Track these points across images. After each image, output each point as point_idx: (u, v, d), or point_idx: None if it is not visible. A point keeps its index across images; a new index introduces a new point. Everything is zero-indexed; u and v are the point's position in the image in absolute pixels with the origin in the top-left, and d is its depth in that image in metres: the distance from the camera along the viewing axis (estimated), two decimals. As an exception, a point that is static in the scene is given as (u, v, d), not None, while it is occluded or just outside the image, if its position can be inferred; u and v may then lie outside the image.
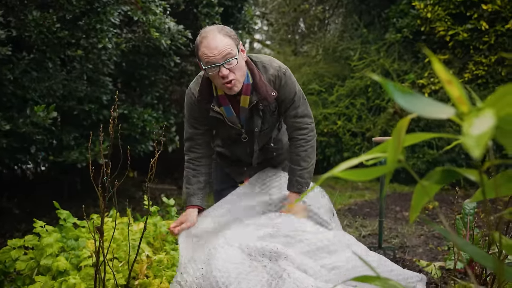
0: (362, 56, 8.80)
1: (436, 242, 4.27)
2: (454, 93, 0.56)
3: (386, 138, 3.12)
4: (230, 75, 2.07)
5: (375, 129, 8.13)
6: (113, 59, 4.38)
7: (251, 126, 2.37)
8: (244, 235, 2.17)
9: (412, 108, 0.60)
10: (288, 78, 2.29)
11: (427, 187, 0.74)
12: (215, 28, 2.08)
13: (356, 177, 0.71)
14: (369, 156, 0.75)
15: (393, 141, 0.70)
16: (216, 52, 2.02)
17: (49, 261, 2.67)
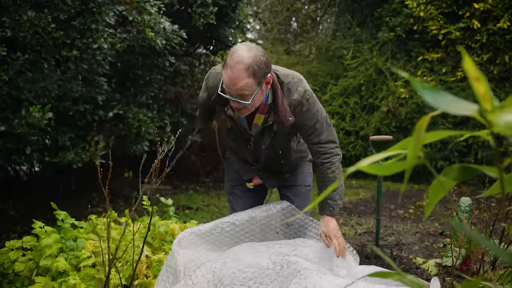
0: (355, 55, 8.84)
1: (432, 239, 4.31)
2: (480, 90, 0.57)
3: (383, 137, 3.15)
4: (239, 107, 2.07)
5: (368, 128, 8.17)
6: (108, 59, 4.36)
7: (259, 141, 2.35)
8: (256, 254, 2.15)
9: (439, 105, 0.61)
10: (311, 104, 2.21)
11: (444, 183, 0.75)
12: (245, 62, 1.96)
13: (379, 172, 0.72)
14: (391, 153, 0.76)
15: (414, 138, 0.71)
16: (233, 89, 1.98)
17: (49, 262, 2.66)
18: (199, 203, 6.32)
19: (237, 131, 2.37)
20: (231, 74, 1.95)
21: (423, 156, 0.75)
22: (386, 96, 8.15)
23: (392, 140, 3.23)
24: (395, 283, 2.02)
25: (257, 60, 1.98)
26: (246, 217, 2.43)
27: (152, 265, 2.75)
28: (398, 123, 7.88)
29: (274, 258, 2.07)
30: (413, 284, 0.79)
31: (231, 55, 1.98)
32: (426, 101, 0.64)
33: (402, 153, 0.75)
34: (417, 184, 7.74)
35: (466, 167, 0.75)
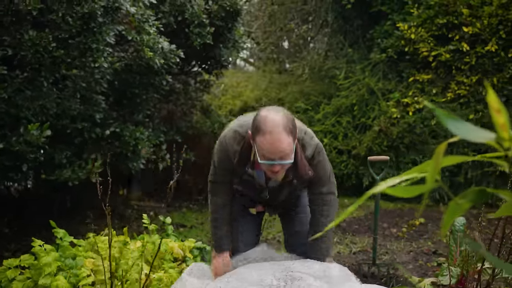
0: (347, 75, 8.96)
1: (425, 258, 4.35)
2: (499, 120, 0.62)
3: (380, 158, 3.21)
4: (280, 169, 2.10)
5: (361, 147, 8.25)
6: (106, 77, 4.41)
7: (276, 194, 2.41)
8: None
9: (459, 133, 0.66)
10: (322, 157, 2.32)
11: (462, 205, 0.80)
12: (281, 122, 2.01)
13: (400, 194, 0.77)
14: (410, 176, 0.81)
15: (433, 162, 0.76)
16: (276, 152, 2.00)
17: (48, 280, 2.65)
18: (193, 221, 6.33)
19: (252, 185, 2.40)
20: (272, 138, 1.98)
21: (440, 179, 0.80)
22: (378, 116, 8.25)
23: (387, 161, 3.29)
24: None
25: (289, 119, 2.05)
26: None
27: (152, 284, 2.75)
28: (389, 143, 7.97)
29: (278, 274, 2.10)
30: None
31: (264, 122, 2.02)
32: (450, 129, 0.69)
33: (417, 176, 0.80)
34: (408, 203, 7.81)
35: (482, 190, 0.80)
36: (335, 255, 4.45)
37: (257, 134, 2.04)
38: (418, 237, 5.22)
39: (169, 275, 2.88)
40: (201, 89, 7.61)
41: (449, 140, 0.75)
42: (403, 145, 7.87)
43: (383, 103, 8.26)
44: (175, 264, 3.12)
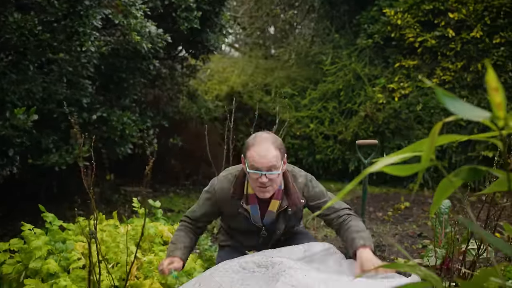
0: (334, 60, 8.98)
1: (411, 241, 4.44)
2: (496, 99, 0.65)
3: (369, 141, 3.25)
4: (267, 183, 2.21)
5: (347, 132, 8.31)
6: (93, 61, 4.36)
7: (273, 227, 2.47)
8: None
9: (457, 111, 0.69)
10: (314, 184, 2.44)
11: (454, 182, 0.82)
12: (269, 138, 2.24)
13: (397, 172, 0.80)
14: (404, 155, 0.83)
15: (428, 142, 0.78)
16: (264, 161, 2.17)
17: (38, 264, 2.65)
18: (181, 205, 6.34)
19: (247, 226, 2.46)
20: (260, 149, 2.19)
21: (434, 158, 0.83)
22: (364, 101, 8.31)
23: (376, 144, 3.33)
24: (382, 275, 2.10)
25: (277, 139, 2.29)
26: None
27: (143, 266, 2.77)
28: (375, 128, 8.05)
29: (258, 261, 2.14)
30: (423, 272, 0.86)
31: (254, 138, 2.27)
32: (447, 107, 0.71)
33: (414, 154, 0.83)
34: (393, 188, 7.92)
35: (475, 168, 0.84)
36: (322, 238, 4.52)
37: (247, 150, 2.25)
38: (404, 221, 5.31)
39: (159, 258, 2.90)
40: (187, 74, 7.57)
41: (444, 119, 0.77)
42: (389, 130, 7.95)
43: (369, 88, 8.32)
44: (165, 247, 3.14)
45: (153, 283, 2.65)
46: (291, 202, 2.36)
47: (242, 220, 2.44)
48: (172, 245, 2.41)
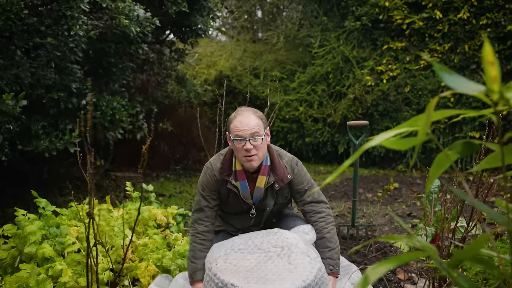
0: (322, 43, 8.98)
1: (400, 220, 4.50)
2: (492, 73, 0.67)
3: (360, 122, 3.28)
4: (252, 151, 2.28)
5: (336, 115, 8.36)
6: (81, 46, 4.32)
7: (262, 205, 2.50)
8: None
9: (454, 85, 0.71)
10: (300, 167, 2.50)
11: (450, 156, 0.85)
12: (250, 109, 2.35)
13: (395, 146, 0.82)
14: (401, 130, 0.85)
15: (425, 116, 0.80)
16: (246, 128, 2.26)
17: (33, 248, 2.66)
18: (171, 190, 6.36)
19: (238, 204, 2.50)
20: (242, 117, 2.30)
21: (430, 132, 0.85)
22: (352, 84, 8.35)
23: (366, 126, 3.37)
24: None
25: (258, 111, 2.39)
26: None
27: (138, 249, 2.80)
28: (364, 110, 8.10)
29: (257, 237, 2.17)
30: (420, 243, 0.89)
31: (236, 110, 2.38)
32: (445, 81, 0.73)
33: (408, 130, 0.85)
34: (382, 170, 8.01)
35: (469, 143, 0.86)
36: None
37: (230, 123, 2.35)
38: (393, 201, 5.39)
39: (154, 241, 2.93)
40: (175, 59, 7.50)
41: (441, 94, 0.80)
42: (378, 112, 8.01)
43: (358, 71, 8.34)
44: (159, 230, 3.16)
45: (148, 266, 2.67)
46: (277, 177, 2.41)
47: (234, 199, 2.47)
48: (192, 264, 2.35)
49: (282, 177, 2.42)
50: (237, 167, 2.41)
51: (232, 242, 2.14)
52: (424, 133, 0.83)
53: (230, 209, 2.58)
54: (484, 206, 0.87)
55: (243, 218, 2.58)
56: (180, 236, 3.14)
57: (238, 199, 2.47)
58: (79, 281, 2.45)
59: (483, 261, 0.89)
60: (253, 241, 2.10)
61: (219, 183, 2.44)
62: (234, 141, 2.29)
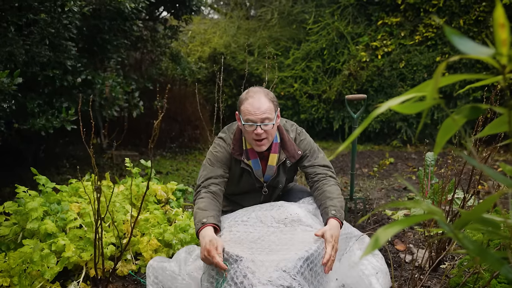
0: (317, 19, 8.92)
1: (397, 194, 4.56)
2: (502, 36, 0.68)
3: (358, 96, 3.30)
4: (263, 135, 2.26)
5: (331, 91, 8.36)
6: (75, 22, 4.27)
7: (275, 183, 2.50)
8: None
9: (464, 49, 0.72)
10: (304, 134, 2.52)
11: (457, 120, 0.87)
12: (262, 91, 2.30)
13: (405, 110, 0.83)
14: (410, 95, 0.87)
15: (432, 81, 0.82)
16: (258, 112, 2.22)
17: (35, 225, 2.68)
18: (168, 167, 6.38)
19: (250, 183, 2.48)
20: (254, 101, 2.24)
21: (437, 97, 0.87)
22: (347, 60, 8.33)
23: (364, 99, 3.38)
24: None
25: (269, 92, 2.33)
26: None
27: (139, 224, 2.83)
28: (359, 86, 8.11)
29: (278, 216, 2.20)
30: (427, 206, 0.91)
31: (248, 91, 2.32)
32: (455, 44, 0.75)
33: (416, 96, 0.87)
34: (377, 145, 8.06)
35: (476, 107, 0.88)
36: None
37: (241, 104, 2.30)
38: (389, 176, 5.44)
39: (155, 216, 2.96)
40: (169, 36, 7.44)
41: (449, 59, 0.81)
42: (372, 88, 8.02)
43: (353, 47, 8.32)
44: (159, 206, 3.19)
45: (150, 240, 2.71)
46: (288, 154, 2.41)
47: (246, 178, 2.46)
48: (204, 211, 2.14)
49: (293, 154, 2.42)
50: (247, 145, 2.40)
51: (235, 214, 2.17)
52: (432, 97, 0.85)
53: (241, 189, 2.56)
54: (491, 170, 0.90)
55: (254, 197, 2.57)
56: (180, 211, 3.17)
57: (251, 178, 2.46)
58: (82, 256, 2.48)
59: (489, 222, 0.92)
60: (256, 214, 2.13)
61: (232, 160, 2.42)
62: (244, 125, 2.26)
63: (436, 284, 2.44)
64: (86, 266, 2.54)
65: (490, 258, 0.92)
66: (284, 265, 1.74)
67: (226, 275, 1.78)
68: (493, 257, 0.92)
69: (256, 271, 1.72)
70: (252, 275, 1.72)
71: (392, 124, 7.99)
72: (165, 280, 2.26)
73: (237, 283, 1.73)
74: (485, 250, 0.92)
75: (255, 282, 1.69)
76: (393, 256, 2.78)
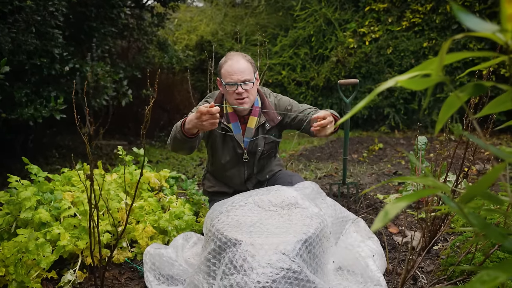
0: (304, 6, 8.89)
1: (387, 178, 4.61)
2: (508, 11, 0.69)
3: (350, 81, 3.31)
4: (244, 94, 2.40)
5: (319, 78, 8.37)
6: (61, 10, 4.21)
7: (254, 146, 2.61)
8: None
9: (470, 25, 0.73)
10: (280, 96, 2.70)
11: (461, 98, 0.88)
12: (240, 54, 2.47)
13: (411, 86, 0.85)
14: (415, 73, 0.88)
15: (438, 59, 0.83)
16: (238, 73, 2.38)
17: (29, 214, 2.66)
18: (158, 156, 6.36)
19: (231, 148, 2.61)
20: (233, 62, 2.41)
21: (442, 74, 0.88)
22: (335, 47, 8.34)
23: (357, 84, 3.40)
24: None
25: (246, 55, 2.52)
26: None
27: (134, 212, 2.82)
28: (347, 73, 8.13)
29: (275, 200, 2.21)
30: (432, 181, 0.93)
31: (226, 55, 2.49)
32: (461, 20, 0.76)
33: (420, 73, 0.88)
34: (365, 132, 8.11)
35: (479, 84, 0.89)
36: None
37: (221, 68, 2.46)
38: (378, 161, 5.49)
39: (149, 203, 2.96)
40: (155, 24, 7.37)
41: (455, 36, 0.82)
42: (360, 74, 8.05)
43: (340, 33, 8.32)
44: (153, 193, 3.19)
45: (146, 227, 2.71)
46: (268, 117, 2.57)
47: (228, 145, 2.59)
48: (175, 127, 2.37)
49: (273, 117, 2.57)
50: (228, 109, 2.53)
51: (232, 199, 2.18)
52: (437, 74, 0.86)
53: (223, 156, 2.66)
54: (493, 148, 0.91)
55: (238, 170, 2.69)
56: (174, 198, 3.17)
57: (231, 141, 2.59)
58: (78, 244, 2.48)
59: (492, 197, 0.94)
60: (253, 198, 2.14)
61: None
62: (226, 85, 2.41)
63: (430, 265, 2.49)
64: (82, 254, 2.54)
65: (494, 232, 0.94)
66: (283, 248, 1.76)
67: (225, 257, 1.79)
68: (496, 231, 0.95)
69: (255, 254, 1.74)
70: (251, 258, 1.73)
71: (380, 110, 8.04)
72: (163, 266, 2.27)
73: (236, 267, 1.74)
74: (489, 224, 0.94)
75: (255, 265, 1.70)
76: (387, 238, 2.82)
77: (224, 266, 1.78)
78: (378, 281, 2.01)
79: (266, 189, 2.25)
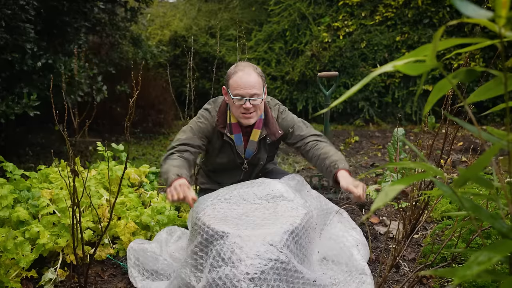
0: (278, 0, 8.90)
1: (364, 170, 4.67)
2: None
3: (330, 73, 3.35)
4: (251, 109, 2.28)
5: (294, 72, 8.40)
6: (32, 3, 4.11)
7: (255, 159, 2.54)
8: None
9: (466, 11, 0.75)
10: (286, 113, 2.56)
11: (453, 82, 0.90)
12: (251, 66, 2.33)
13: (408, 71, 0.86)
14: (408, 60, 0.89)
15: (432, 45, 0.85)
16: (247, 87, 2.25)
17: (6, 213, 2.60)
18: (134, 153, 6.29)
19: (231, 158, 2.52)
20: (243, 74, 2.26)
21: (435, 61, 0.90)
22: (310, 41, 8.38)
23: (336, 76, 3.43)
24: None
25: (257, 67, 2.38)
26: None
27: (115, 208, 2.79)
28: (322, 67, 8.18)
29: (260, 193, 2.21)
30: (426, 166, 0.95)
31: (236, 65, 2.34)
32: (458, 8, 0.77)
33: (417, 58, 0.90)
34: (341, 125, 8.19)
35: (471, 70, 0.91)
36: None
37: (229, 78, 2.32)
38: (355, 153, 5.56)
39: (130, 199, 2.93)
40: (128, 19, 7.27)
41: (449, 22, 0.84)
42: (335, 68, 8.11)
43: (315, 27, 8.37)
44: (133, 189, 3.15)
45: (128, 223, 2.68)
46: (270, 131, 2.46)
47: (227, 152, 2.50)
48: (174, 168, 2.15)
49: (274, 132, 2.46)
50: (232, 120, 2.42)
51: (217, 192, 2.17)
52: (431, 59, 0.88)
53: (220, 164, 2.59)
54: (484, 133, 0.94)
55: (233, 173, 2.61)
56: (155, 193, 3.15)
57: (232, 152, 2.50)
58: (58, 242, 2.43)
59: (484, 182, 0.96)
60: (238, 191, 2.14)
61: (215, 133, 2.45)
62: (233, 99, 2.29)
63: (411, 253, 2.53)
64: (63, 252, 2.49)
65: (485, 214, 0.97)
66: (271, 239, 1.77)
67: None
68: (487, 213, 0.97)
69: (243, 246, 1.74)
70: (239, 250, 1.73)
71: (354, 104, 8.13)
72: (147, 261, 2.25)
73: (224, 259, 1.74)
74: (480, 207, 0.97)
75: (243, 257, 1.71)
76: (369, 228, 2.86)
77: (212, 259, 1.77)
78: (362, 269, 2.04)
79: (251, 182, 2.26)
